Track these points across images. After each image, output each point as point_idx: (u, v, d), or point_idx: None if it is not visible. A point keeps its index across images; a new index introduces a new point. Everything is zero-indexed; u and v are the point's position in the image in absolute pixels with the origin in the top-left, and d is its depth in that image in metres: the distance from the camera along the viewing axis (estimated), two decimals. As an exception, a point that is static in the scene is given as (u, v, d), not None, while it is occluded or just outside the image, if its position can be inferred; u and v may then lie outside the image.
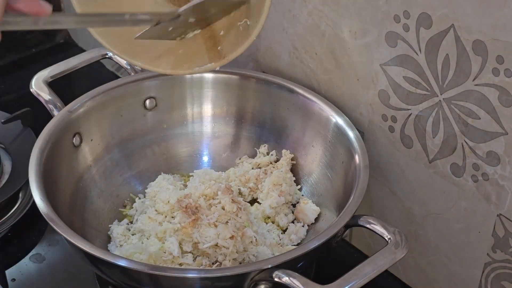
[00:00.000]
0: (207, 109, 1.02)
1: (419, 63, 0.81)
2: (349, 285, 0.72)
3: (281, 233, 0.93)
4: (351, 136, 0.89)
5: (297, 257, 0.75)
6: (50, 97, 0.95)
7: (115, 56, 1.03)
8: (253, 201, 0.97)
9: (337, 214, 0.87)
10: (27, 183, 0.88)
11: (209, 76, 1.01)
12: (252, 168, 0.99)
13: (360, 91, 0.90)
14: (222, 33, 0.76)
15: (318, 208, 0.94)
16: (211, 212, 0.88)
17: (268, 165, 0.99)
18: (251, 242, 0.87)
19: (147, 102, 1.00)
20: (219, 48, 0.75)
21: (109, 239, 0.92)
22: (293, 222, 0.94)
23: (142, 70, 0.98)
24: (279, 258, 0.75)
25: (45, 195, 0.81)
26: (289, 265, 0.74)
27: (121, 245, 0.89)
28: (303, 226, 0.93)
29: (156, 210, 0.92)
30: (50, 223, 0.78)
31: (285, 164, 0.97)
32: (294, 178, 0.97)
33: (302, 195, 0.97)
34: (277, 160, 1.00)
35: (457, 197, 0.84)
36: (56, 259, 0.97)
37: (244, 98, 1.01)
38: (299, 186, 0.97)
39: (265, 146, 1.01)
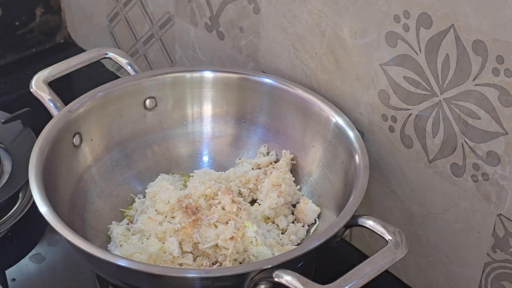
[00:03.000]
0: (207, 109, 1.02)
1: (419, 63, 0.81)
2: (349, 285, 0.72)
3: (281, 233, 0.93)
4: (351, 136, 0.89)
5: (297, 257, 0.75)
6: (50, 97, 0.95)
7: (115, 56, 1.04)
8: (253, 202, 0.97)
9: (337, 214, 0.87)
10: (27, 183, 0.88)
11: (209, 76, 1.01)
12: (252, 169, 0.99)
13: (360, 91, 0.90)
14: None
15: (318, 208, 0.94)
16: (211, 212, 0.88)
17: (268, 165, 0.99)
18: (251, 242, 0.87)
19: (147, 102, 1.00)
20: None
21: (109, 239, 0.92)
22: (293, 222, 0.94)
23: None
24: (279, 258, 0.75)
25: (45, 195, 0.81)
26: (289, 265, 0.74)
27: (121, 245, 0.89)
28: (303, 226, 0.93)
29: (156, 210, 0.92)
30: (50, 223, 0.78)
31: (285, 165, 0.97)
32: (293, 179, 0.96)
33: (302, 195, 0.97)
34: (277, 161, 0.99)
35: (457, 197, 0.84)
36: (56, 259, 0.97)
37: (244, 98, 1.01)
38: (299, 186, 0.97)
39: (265, 146, 1.01)
